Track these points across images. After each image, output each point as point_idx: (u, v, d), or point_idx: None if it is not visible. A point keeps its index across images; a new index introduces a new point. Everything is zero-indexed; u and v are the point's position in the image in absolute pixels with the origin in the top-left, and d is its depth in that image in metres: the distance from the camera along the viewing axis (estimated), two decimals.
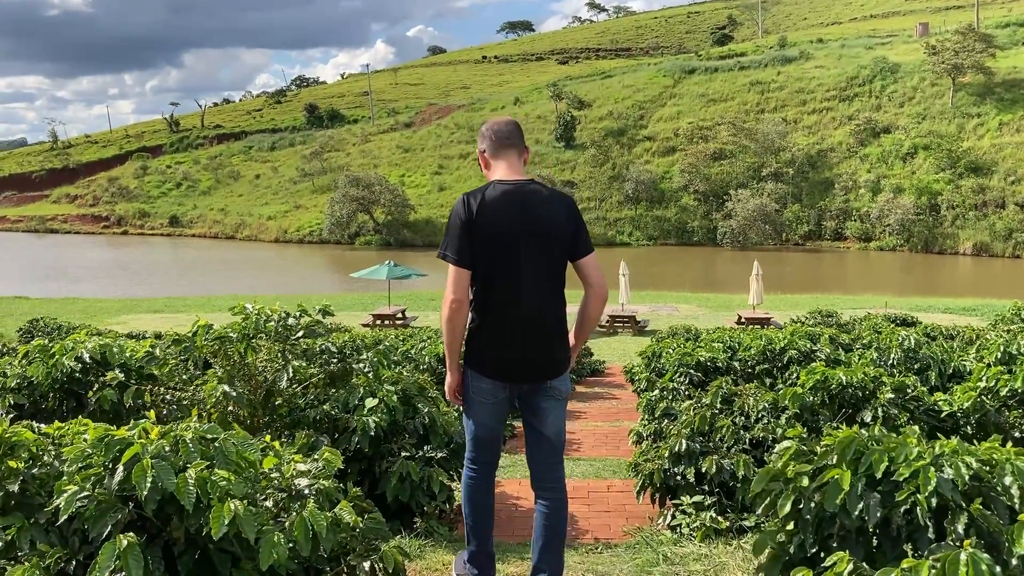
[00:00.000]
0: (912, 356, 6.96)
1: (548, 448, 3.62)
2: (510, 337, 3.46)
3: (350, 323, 26.64)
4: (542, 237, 3.43)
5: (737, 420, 4.71)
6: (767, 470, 2.66)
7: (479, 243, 3.39)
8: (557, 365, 3.54)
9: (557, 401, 3.58)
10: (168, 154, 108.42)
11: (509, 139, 3.59)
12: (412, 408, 4.83)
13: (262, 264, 59.35)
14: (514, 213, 3.41)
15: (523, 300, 3.44)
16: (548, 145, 77.59)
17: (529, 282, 3.44)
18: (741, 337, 8.49)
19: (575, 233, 3.51)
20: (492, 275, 3.43)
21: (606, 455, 7.22)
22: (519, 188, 3.46)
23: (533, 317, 3.46)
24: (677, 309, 31.87)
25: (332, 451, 2.91)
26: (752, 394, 4.79)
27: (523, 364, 3.49)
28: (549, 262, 3.48)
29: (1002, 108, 66.62)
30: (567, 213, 3.51)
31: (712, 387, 5.01)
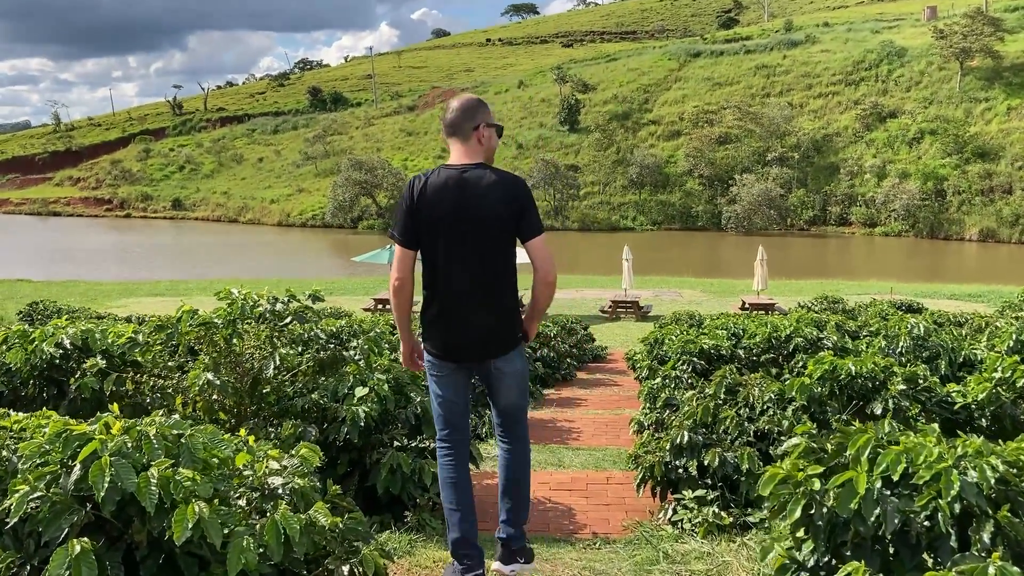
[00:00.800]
0: (921, 344, 6.76)
1: (505, 416, 3.79)
2: (447, 318, 3.61)
3: (352, 307, 26.46)
4: (477, 222, 3.51)
5: (741, 411, 4.51)
6: (775, 471, 2.47)
7: (420, 226, 3.55)
8: (498, 346, 3.64)
9: (507, 378, 3.69)
10: (171, 137, 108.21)
11: (452, 126, 3.66)
12: (404, 397, 4.65)
13: (265, 248, 59.21)
14: (451, 198, 3.51)
15: (456, 283, 3.56)
16: (552, 129, 77.22)
17: (463, 266, 3.55)
18: (746, 324, 8.29)
19: (519, 216, 3.55)
20: (431, 258, 3.58)
21: (606, 444, 7.04)
22: (460, 173, 3.56)
23: (467, 300, 3.56)
24: (680, 294, 31.66)
25: (310, 447, 2.73)
26: (757, 384, 4.59)
27: (462, 344, 3.63)
28: (485, 246, 3.55)
29: (1010, 92, 66.06)
30: (510, 196, 3.55)
31: (715, 377, 4.80)
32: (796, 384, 4.35)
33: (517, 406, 3.79)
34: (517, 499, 3.73)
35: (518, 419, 3.80)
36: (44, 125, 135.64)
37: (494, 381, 3.71)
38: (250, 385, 4.53)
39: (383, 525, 4.38)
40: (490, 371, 3.68)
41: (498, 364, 3.65)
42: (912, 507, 2.24)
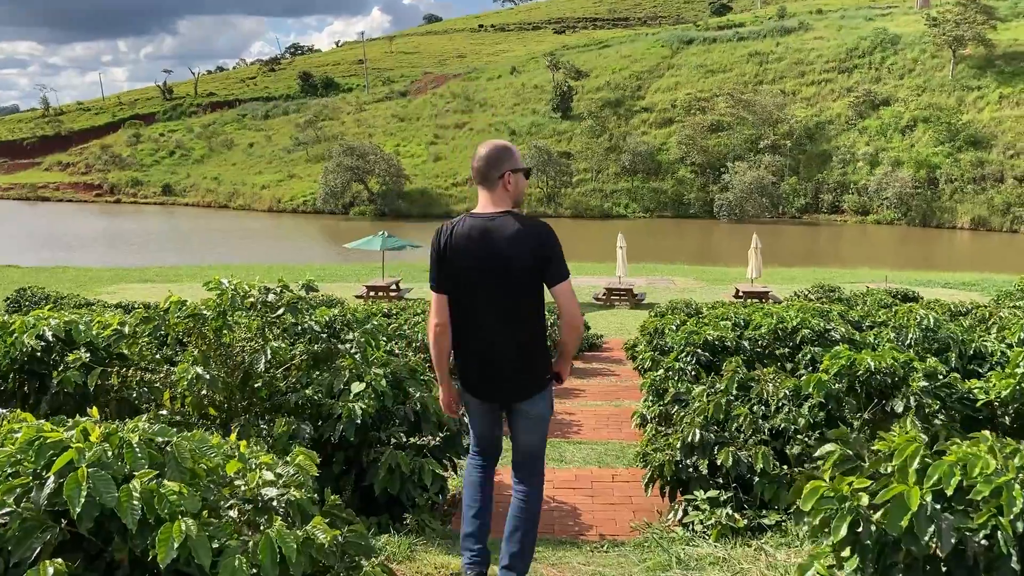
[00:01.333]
0: (931, 336, 6.61)
1: (522, 458, 3.86)
2: (473, 362, 3.75)
3: (343, 295, 26.21)
4: (503, 270, 3.59)
5: (755, 408, 4.32)
6: (817, 485, 2.26)
7: (448, 274, 3.67)
8: (521, 390, 3.72)
9: (528, 421, 3.77)
10: (161, 122, 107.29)
11: (479, 174, 3.75)
12: (403, 392, 4.45)
13: (256, 234, 58.80)
14: (477, 247, 3.61)
15: (480, 330, 3.67)
16: (545, 116, 76.87)
17: (487, 313, 3.65)
18: (751, 314, 8.10)
19: (544, 264, 3.61)
20: (459, 303, 3.69)
21: (608, 438, 6.86)
22: (486, 222, 3.65)
23: (490, 345, 3.67)
24: (674, 282, 31.52)
25: (306, 454, 2.53)
26: (771, 380, 4.39)
27: (486, 387, 3.75)
28: (509, 294, 3.63)
29: (1002, 81, 66.02)
30: (535, 245, 3.59)
31: (727, 371, 4.60)
32: (813, 380, 4.15)
33: (536, 447, 3.84)
34: (525, 542, 3.74)
35: (535, 461, 3.86)
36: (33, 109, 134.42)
37: (517, 421, 3.79)
38: (241, 380, 4.32)
39: (381, 527, 4.20)
40: (515, 411, 3.77)
41: (523, 406, 3.74)
42: (969, 525, 2.05)
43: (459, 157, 73.96)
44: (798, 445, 3.98)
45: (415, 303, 18.20)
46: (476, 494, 3.81)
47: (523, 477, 3.82)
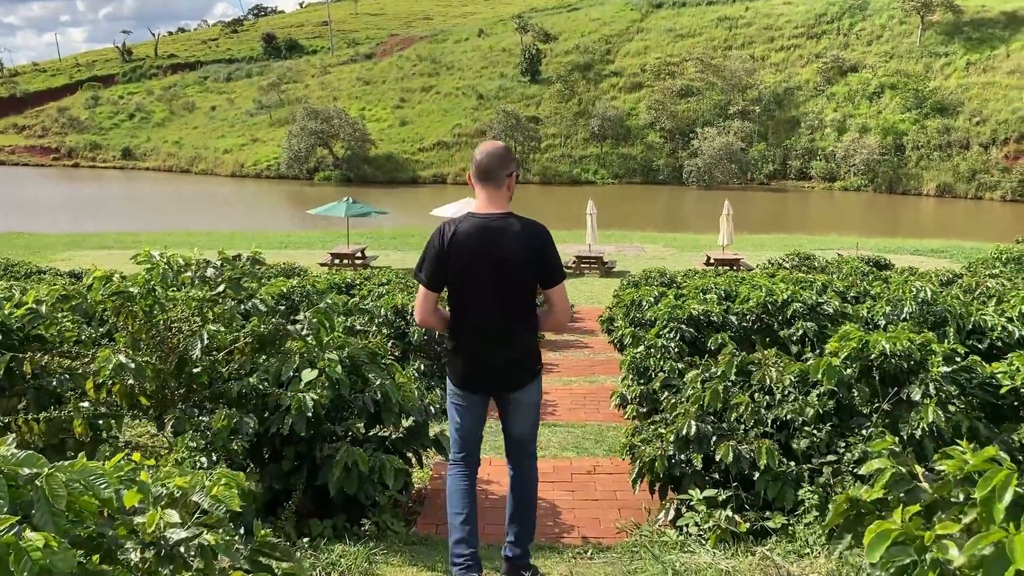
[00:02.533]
0: (926, 309, 6.22)
1: (516, 445, 4.01)
2: (473, 356, 3.86)
3: (307, 262, 25.54)
4: (504, 268, 3.73)
5: (757, 396, 3.87)
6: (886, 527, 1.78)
7: (449, 271, 3.75)
8: (519, 379, 3.89)
9: (522, 409, 3.93)
10: (120, 84, 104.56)
11: (485, 174, 3.84)
12: (361, 379, 3.93)
13: (218, 199, 57.54)
14: (480, 247, 3.72)
15: (483, 325, 3.80)
16: (513, 79, 75.86)
17: (489, 309, 3.78)
18: (735, 286, 7.67)
19: (542, 266, 3.79)
20: (460, 299, 3.81)
21: (585, 419, 6.42)
22: (488, 223, 3.75)
23: (492, 340, 3.82)
24: (644, 249, 31.13)
25: (229, 477, 2.01)
26: (774, 364, 3.94)
27: (485, 379, 3.89)
28: (509, 292, 3.78)
29: (970, 48, 66.15)
30: (535, 245, 3.76)
31: (724, 355, 4.11)
32: (822, 365, 3.68)
33: (530, 432, 3.99)
34: (526, 522, 3.92)
35: (529, 446, 4.01)
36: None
37: (511, 410, 3.94)
38: (176, 365, 3.80)
39: (336, 531, 3.72)
40: (508, 401, 3.92)
41: (516, 395, 3.90)
42: None
43: (426, 121, 72.89)
44: (805, 438, 3.55)
45: (381, 271, 17.66)
46: (463, 501, 3.87)
47: (519, 461, 3.99)
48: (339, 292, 10.96)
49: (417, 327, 6.61)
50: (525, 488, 3.94)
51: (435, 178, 65.48)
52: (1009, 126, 57.81)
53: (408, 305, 6.83)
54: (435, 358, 6.90)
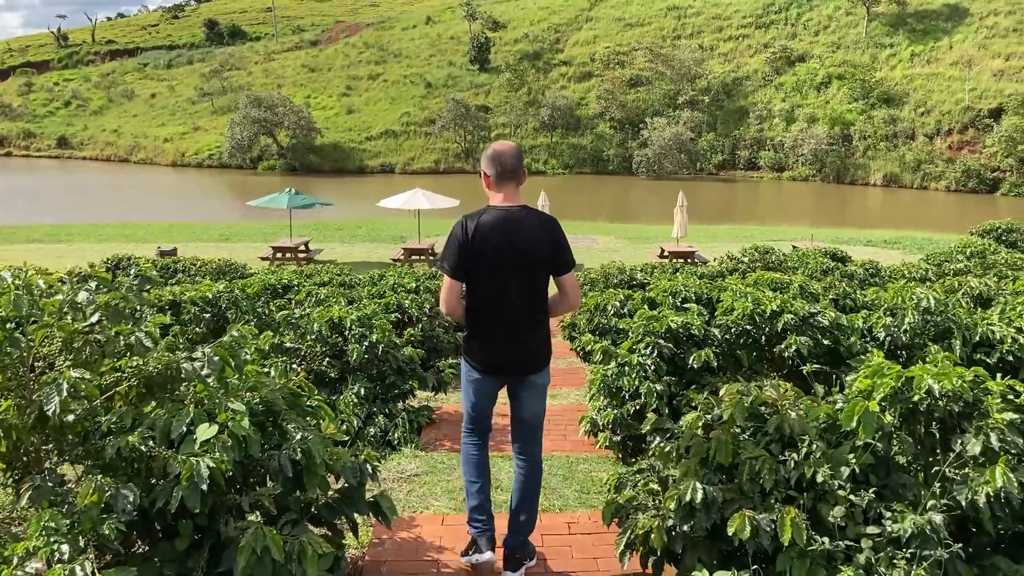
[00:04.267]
0: (928, 320, 5.59)
1: (526, 428, 4.21)
2: (495, 341, 4.07)
3: (247, 256, 24.46)
4: (524, 258, 3.96)
5: (773, 448, 3.14)
6: None
7: (472, 261, 3.95)
8: (535, 363, 4.14)
9: (535, 391, 4.17)
10: (56, 70, 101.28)
11: (512, 172, 4.11)
12: (279, 432, 3.13)
13: (158, 190, 55.74)
14: (503, 238, 3.94)
15: (506, 310, 4.02)
16: (462, 68, 74.83)
17: (511, 295, 4.00)
18: (712, 292, 6.98)
19: (555, 255, 4.05)
20: (481, 287, 4.01)
21: (550, 450, 5.64)
22: (510, 216, 3.99)
23: (514, 325, 4.04)
24: (596, 241, 30.55)
25: None
26: (794, 407, 3.20)
27: (506, 363, 4.09)
28: (529, 279, 4.02)
29: (914, 39, 66.83)
30: (549, 237, 4.03)
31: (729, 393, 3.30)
32: (857, 411, 2.93)
33: (541, 414, 4.24)
34: (528, 514, 4.11)
35: (538, 430, 4.24)
36: None
37: (525, 392, 4.15)
38: (36, 418, 2.95)
39: None
40: (522, 384, 4.13)
41: (532, 378, 4.13)
42: None
43: (372, 110, 71.55)
44: (839, 504, 2.82)
45: (325, 267, 16.70)
46: (478, 470, 4.15)
47: (527, 449, 4.19)
48: (274, 295, 10.08)
49: (357, 346, 5.79)
50: (532, 479, 4.13)
51: (383, 167, 64.28)
52: (952, 117, 58.46)
53: (346, 319, 6.00)
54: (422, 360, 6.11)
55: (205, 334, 7.76)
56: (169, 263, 17.92)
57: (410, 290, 10.27)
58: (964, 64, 61.17)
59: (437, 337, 8.34)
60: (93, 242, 29.72)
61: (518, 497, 4.10)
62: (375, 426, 5.60)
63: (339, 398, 5.63)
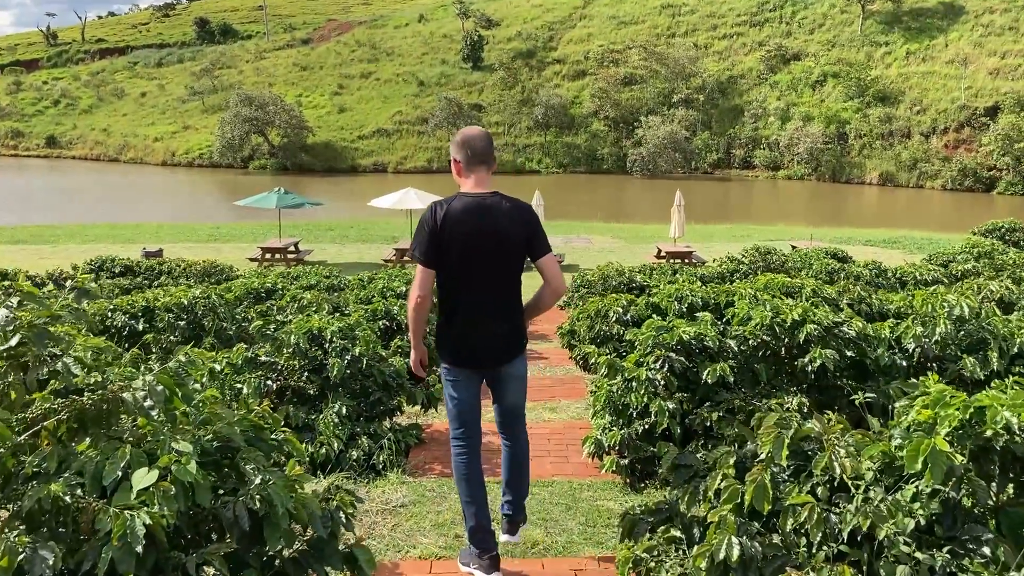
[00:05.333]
0: (960, 329, 5.15)
1: (509, 416, 4.17)
2: (470, 330, 3.96)
3: (236, 257, 23.93)
4: (498, 244, 3.88)
5: (820, 492, 2.66)
6: None
7: (444, 248, 3.85)
8: (511, 352, 4.05)
9: (514, 381, 4.10)
10: (45, 69, 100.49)
11: (482, 156, 3.98)
12: (235, 474, 2.65)
13: (147, 189, 55.12)
14: (475, 223, 3.85)
15: (478, 297, 3.93)
16: (454, 66, 74.32)
17: (486, 282, 3.91)
18: (719, 297, 6.53)
19: (531, 238, 3.95)
20: (455, 276, 3.90)
21: (552, 474, 5.18)
22: (481, 201, 3.89)
23: (489, 312, 3.96)
24: (591, 241, 30.08)
25: None
26: (843, 443, 2.69)
27: (482, 352, 4.00)
28: (504, 265, 3.93)
29: (909, 37, 66.57)
30: (523, 220, 3.94)
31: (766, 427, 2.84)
32: (923, 451, 2.47)
33: (521, 404, 4.21)
34: (523, 484, 4.18)
35: (519, 417, 4.21)
36: None
37: (503, 383, 4.09)
38: None
39: None
40: (500, 375, 4.06)
41: (508, 368, 4.05)
42: None
43: (365, 108, 70.99)
44: (904, 562, 2.35)
45: (314, 268, 16.21)
46: (469, 489, 4.01)
47: (512, 432, 4.19)
48: (256, 300, 9.59)
49: (337, 360, 5.31)
50: (520, 455, 4.17)
51: (375, 166, 63.75)
52: (948, 115, 58.21)
53: (327, 330, 5.52)
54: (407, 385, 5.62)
55: (180, 342, 7.28)
56: (154, 264, 17.43)
57: (399, 295, 9.79)
58: (960, 62, 60.91)
59: (428, 346, 7.85)
60: (79, 243, 29.17)
61: (508, 474, 4.16)
62: (358, 448, 5.11)
63: (319, 417, 5.15)
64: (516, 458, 4.14)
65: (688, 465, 3.12)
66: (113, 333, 7.53)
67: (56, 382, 2.59)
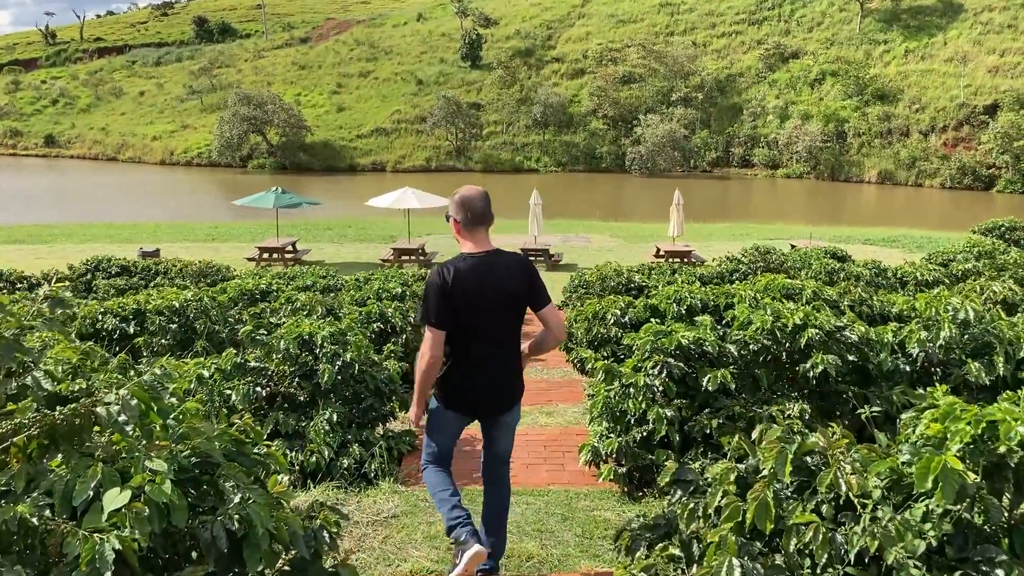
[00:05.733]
0: (965, 332, 5.04)
1: (498, 461, 4.35)
2: (476, 381, 4.15)
3: (233, 257, 23.83)
4: (503, 299, 4.09)
5: (825, 510, 2.54)
6: None
7: (453, 306, 4.00)
8: (511, 400, 4.26)
9: (508, 427, 4.32)
10: (43, 68, 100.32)
11: (481, 218, 4.16)
12: (214, 491, 2.54)
13: (146, 188, 54.96)
14: (481, 282, 4.05)
15: (484, 349, 4.11)
16: (453, 64, 74.18)
17: (492, 335, 4.12)
18: (718, 299, 6.42)
19: (531, 291, 4.17)
20: (464, 331, 4.06)
21: (548, 482, 5.07)
22: (484, 260, 4.10)
23: (495, 363, 4.16)
24: (590, 240, 29.96)
25: None
26: (848, 458, 2.58)
27: (485, 402, 4.21)
28: (508, 318, 4.15)
29: (908, 35, 66.48)
30: (523, 275, 4.17)
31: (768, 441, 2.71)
32: (933, 468, 2.36)
33: (509, 450, 4.36)
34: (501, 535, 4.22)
35: (506, 462, 4.36)
36: None
37: (498, 430, 4.27)
38: None
39: None
40: (497, 422, 4.25)
41: (505, 417, 4.25)
42: None
43: (363, 108, 70.85)
44: None
45: (311, 268, 16.10)
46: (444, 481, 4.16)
47: (497, 478, 4.32)
48: (251, 302, 9.46)
49: (328, 366, 5.20)
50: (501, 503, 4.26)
51: (374, 165, 63.62)
52: (947, 114, 58.11)
53: (317, 335, 5.40)
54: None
55: (172, 346, 7.18)
56: (150, 265, 17.32)
57: (395, 296, 9.67)
58: (959, 60, 60.80)
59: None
60: (76, 243, 29.06)
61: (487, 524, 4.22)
62: (349, 457, 4.99)
63: (309, 424, 5.03)
64: (498, 503, 4.24)
65: (688, 480, 3.00)
66: (103, 336, 7.42)
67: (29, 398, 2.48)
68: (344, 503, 4.56)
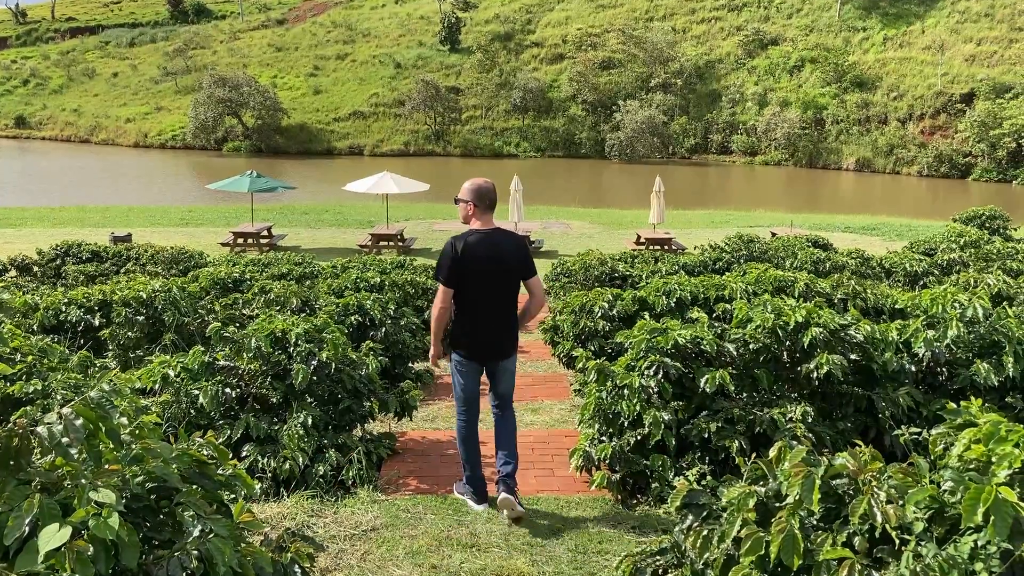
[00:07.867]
0: (973, 331, 4.82)
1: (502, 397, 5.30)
2: (480, 332, 5.17)
3: (207, 242, 23.37)
4: (503, 268, 5.17)
5: (858, 543, 2.29)
6: None
7: (461, 271, 5.06)
8: (509, 349, 5.29)
9: (508, 373, 5.30)
10: (13, 48, 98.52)
11: (492, 204, 5.26)
12: (172, 521, 2.25)
13: (120, 171, 54.09)
14: (486, 253, 5.09)
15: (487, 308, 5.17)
16: (432, 48, 73.49)
17: (492, 297, 5.17)
18: (708, 291, 6.18)
19: (524, 263, 5.25)
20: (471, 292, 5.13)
21: (536, 490, 4.80)
22: (489, 236, 5.14)
23: (493, 320, 5.19)
24: (570, 227, 29.70)
25: None
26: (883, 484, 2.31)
27: (487, 349, 5.20)
28: (506, 283, 5.22)
29: (887, 23, 66.56)
30: (521, 251, 5.29)
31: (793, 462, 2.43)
32: (984, 498, 2.10)
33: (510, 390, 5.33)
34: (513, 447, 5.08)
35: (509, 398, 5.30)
36: None
37: (500, 374, 5.25)
38: None
39: None
40: (498, 367, 5.24)
41: (504, 363, 5.25)
42: None
43: (341, 90, 70.08)
44: None
45: (287, 254, 15.72)
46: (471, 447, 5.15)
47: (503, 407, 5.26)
48: (224, 291, 9.11)
49: (302, 366, 4.90)
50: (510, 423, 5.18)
51: (351, 149, 63.00)
52: (925, 102, 58.26)
53: (291, 332, 5.09)
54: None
55: (139, 339, 6.84)
56: (121, 250, 16.89)
57: (374, 286, 9.34)
58: (936, 49, 60.92)
59: (403, 342, 7.42)
60: (46, 227, 28.43)
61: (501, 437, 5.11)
62: (325, 463, 4.70)
63: (283, 428, 4.73)
64: (508, 423, 5.15)
65: (702, 504, 2.73)
66: (67, 329, 7.07)
67: None
68: (320, 514, 4.28)
